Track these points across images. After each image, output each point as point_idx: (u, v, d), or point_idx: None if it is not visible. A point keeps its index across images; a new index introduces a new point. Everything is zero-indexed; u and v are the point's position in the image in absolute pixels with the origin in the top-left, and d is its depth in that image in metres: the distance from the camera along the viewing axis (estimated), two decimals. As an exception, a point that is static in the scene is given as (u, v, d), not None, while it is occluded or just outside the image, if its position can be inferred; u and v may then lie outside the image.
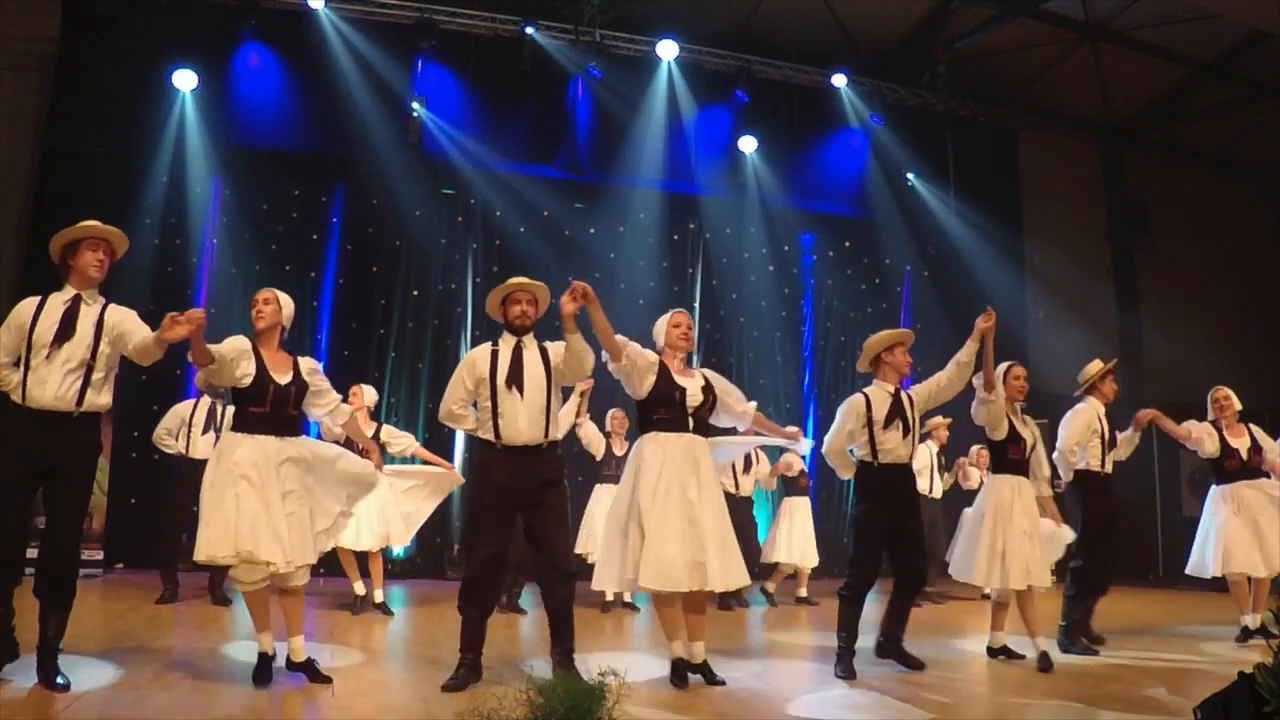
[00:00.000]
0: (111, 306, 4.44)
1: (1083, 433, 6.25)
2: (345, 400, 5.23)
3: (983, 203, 12.29)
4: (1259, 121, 12.87)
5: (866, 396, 5.42)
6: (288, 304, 4.77)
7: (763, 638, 6.96)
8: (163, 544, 7.61)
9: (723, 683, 4.82)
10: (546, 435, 4.76)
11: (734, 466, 8.45)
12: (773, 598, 8.68)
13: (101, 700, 4.08)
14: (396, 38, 10.39)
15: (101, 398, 4.32)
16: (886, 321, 12.35)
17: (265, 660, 4.57)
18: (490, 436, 4.75)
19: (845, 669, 5.17)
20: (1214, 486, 6.92)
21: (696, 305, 11.72)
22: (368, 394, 7.40)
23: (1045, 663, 5.43)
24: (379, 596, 7.23)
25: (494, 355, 4.79)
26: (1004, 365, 5.77)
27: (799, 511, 8.93)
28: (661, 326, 5.05)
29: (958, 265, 12.23)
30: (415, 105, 10.48)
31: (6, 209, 9.55)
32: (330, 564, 8.54)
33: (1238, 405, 6.90)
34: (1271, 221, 14.78)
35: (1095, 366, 6.57)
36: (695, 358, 11.61)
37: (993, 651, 5.81)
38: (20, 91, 9.71)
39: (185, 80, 9.78)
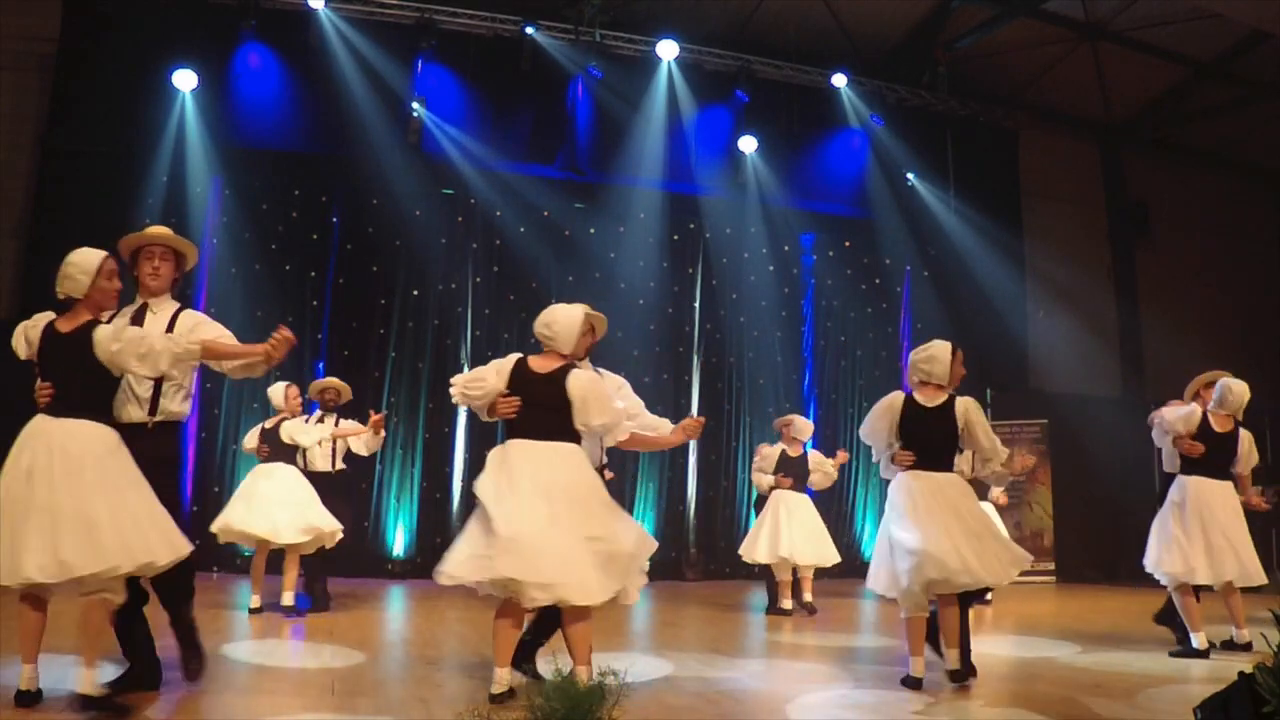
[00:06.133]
0: (185, 312, 4.23)
1: None
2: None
3: (983, 203, 12.29)
4: (1259, 121, 12.87)
5: None
6: None
7: (763, 638, 6.95)
8: None
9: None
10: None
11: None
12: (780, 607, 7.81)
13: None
14: (396, 38, 10.39)
15: (175, 405, 4.15)
16: (887, 321, 12.40)
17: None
18: None
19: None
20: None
21: (696, 305, 11.72)
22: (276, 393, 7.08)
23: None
24: (288, 599, 6.82)
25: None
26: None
27: (801, 507, 7.97)
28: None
29: (958, 265, 12.23)
30: (415, 105, 10.48)
31: (6, 209, 9.54)
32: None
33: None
34: (1271, 221, 14.78)
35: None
36: (696, 358, 11.66)
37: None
38: (20, 91, 9.70)
39: (185, 80, 9.79)
